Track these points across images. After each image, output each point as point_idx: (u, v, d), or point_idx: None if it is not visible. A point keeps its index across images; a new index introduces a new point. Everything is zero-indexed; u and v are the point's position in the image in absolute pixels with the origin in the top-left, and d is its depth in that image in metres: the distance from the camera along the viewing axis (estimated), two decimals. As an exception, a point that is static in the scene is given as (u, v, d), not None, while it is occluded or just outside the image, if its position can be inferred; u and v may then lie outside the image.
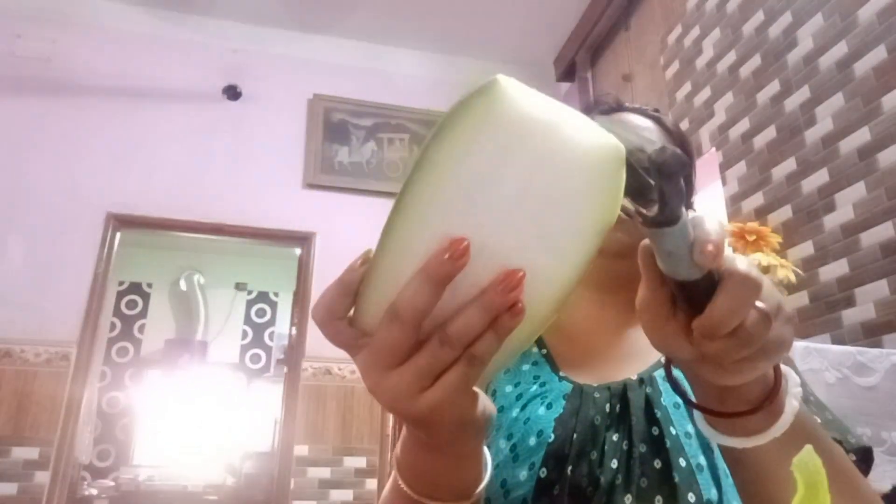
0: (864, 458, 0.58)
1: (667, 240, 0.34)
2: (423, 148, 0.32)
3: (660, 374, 0.63)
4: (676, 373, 0.45)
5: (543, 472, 0.57)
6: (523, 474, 0.58)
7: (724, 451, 0.43)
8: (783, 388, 0.40)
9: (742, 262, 0.35)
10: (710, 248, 0.33)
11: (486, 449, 0.45)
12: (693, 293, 0.35)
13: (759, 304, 0.34)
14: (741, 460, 0.42)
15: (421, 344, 0.33)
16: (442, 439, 0.39)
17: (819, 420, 0.57)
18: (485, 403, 0.39)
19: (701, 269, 0.34)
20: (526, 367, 0.68)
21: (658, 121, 0.76)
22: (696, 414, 0.43)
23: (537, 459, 0.58)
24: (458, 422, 0.37)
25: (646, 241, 0.37)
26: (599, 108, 0.78)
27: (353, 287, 0.34)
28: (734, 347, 0.35)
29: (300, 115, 3.84)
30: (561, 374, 0.65)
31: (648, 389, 0.60)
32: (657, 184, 0.33)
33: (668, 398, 0.60)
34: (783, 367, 0.41)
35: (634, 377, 0.62)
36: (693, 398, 0.43)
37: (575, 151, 0.33)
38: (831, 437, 0.54)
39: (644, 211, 0.35)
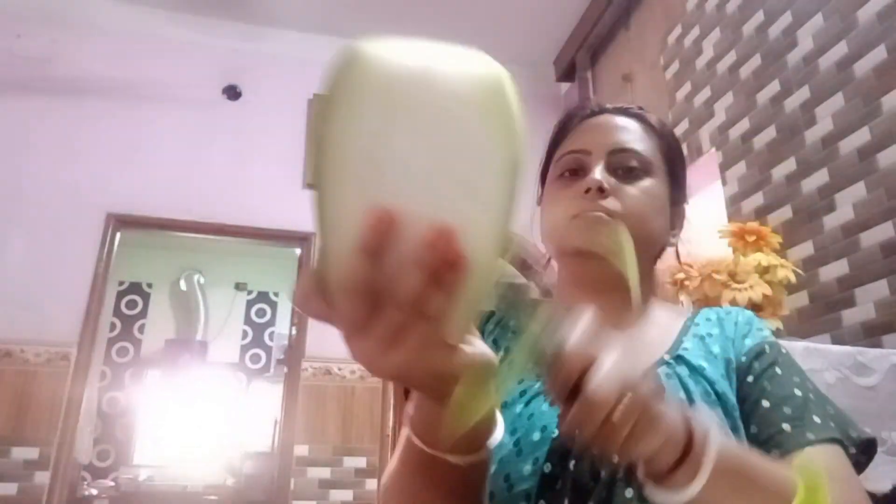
0: (866, 451, 0.59)
1: (531, 344, 0.41)
2: (315, 134, 0.33)
3: (662, 369, 0.63)
4: None
5: (548, 467, 0.58)
6: (527, 469, 0.58)
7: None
8: (698, 446, 0.43)
9: (594, 379, 0.39)
10: (558, 376, 0.40)
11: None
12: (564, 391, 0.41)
13: (614, 413, 0.39)
14: None
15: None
16: (428, 391, 0.41)
17: (818, 417, 0.58)
18: (473, 353, 0.40)
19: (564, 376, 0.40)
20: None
21: (641, 118, 0.75)
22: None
23: (541, 454, 0.59)
24: (434, 374, 0.38)
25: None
26: (581, 112, 0.78)
27: (322, 275, 0.36)
28: (602, 444, 0.40)
29: (300, 115, 3.84)
30: None
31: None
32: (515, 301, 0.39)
33: (669, 393, 0.60)
34: (701, 424, 0.44)
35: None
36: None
37: (454, 93, 0.33)
38: (830, 434, 0.56)
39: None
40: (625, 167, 0.69)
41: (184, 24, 3.79)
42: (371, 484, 3.25)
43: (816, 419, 0.57)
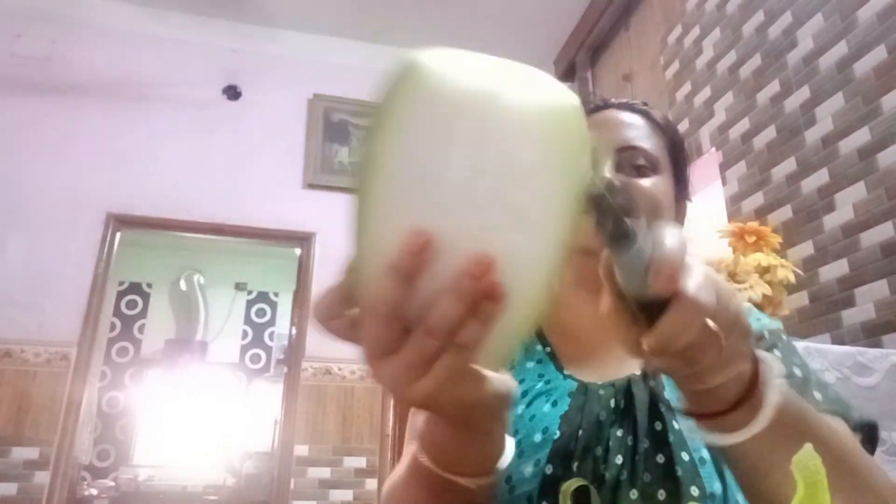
0: (870, 436, 0.57)
1: (622, 256, 0.36)
2: (364, 145, 0.32)
3: None
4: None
5: (549, 469, 0.57)
6: (529, 470, 0.58)
7: (716, 447, 0.44)
8: (762, 383, 0.40)
9: (693, 282, 0.36)
10: (663, 274, 0.35)
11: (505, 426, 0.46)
12: (646, 309, 0.37)
13: (710, 323, 0.35)
14: (732, 455, 0.42)
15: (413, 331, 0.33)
16: (451, 420, 0.40)
17: (819, 393, 0.56)
18: (497, 383, 0.39)
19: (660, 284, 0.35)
20: (530, 364, 0.68)
21: (646, 115, 0.74)
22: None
23: (542, 456, 0.58)
24: (459, 405, 0.37)
25: (607, 252, 0.38)
26: (586, 107, 0.78)
27: (350, 291, 0.34)
28: (680, 365, 0.37)
29: (300, 115, 3.84)
30: (565, 372, 0.66)
31: (652, 384, 0.60)
32: (609, 205, 0.34)
33: (671, 393, 0.60)
34: (766, 358, 0.42)
35: (638, 373, 0.62)
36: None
37: (520, 117, 0.31)
38: (832, 407, 0.54)
39: (602, 227, 0.36)
40: (633, 165, 0.69)
41: (184, 24, 3.79)
42: (371, 484, 3.25)
43: (817, 395, 0.56)
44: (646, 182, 0.67)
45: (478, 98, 0.31)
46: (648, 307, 0.37)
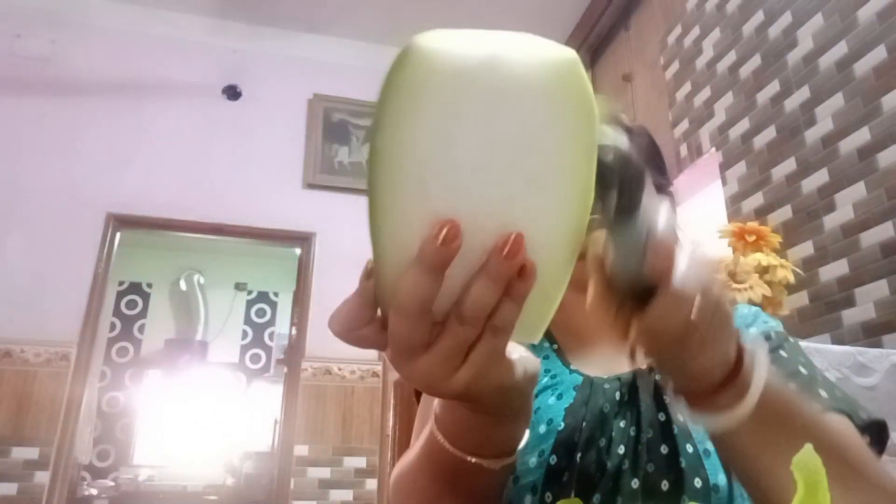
0: (878, 436, 0.55)
1: (621, 233, 0.36)
2: (370, 138, 0.31)
3: None
4: None
5: (553, 460, 0.58)
6: (533, 461, 0.58)
7: (707, 431, 0.44)
8: (747, 365, 0.41)
9: (682, 267, 0.36)
10: (662, 254, 0.36)
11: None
12: (634, 293, 0.37)
13: (697, 308, 0.36)
14: (721, 438, 0.43)
15: (443, 324, 0.32)
16: (486, 408, 0.39)
17: (825, 391, 0.55)
18: (525, 364, 0.39)
19: (651, 270, 0.36)
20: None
21: (613, 121, 0.75)
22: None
23: (547, 447, 0.59)
24: (497, 390, 0.37)
25: (594, 251, 0.38)
26: None
27: (370, 298, 0.33)
28: (667, 349, 0.38)
29: (300, 115, 3.84)
30: (571, 367, 0.66)
31: (658, 376, 0.61)
32: (617, 176, 0.34)
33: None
34: (751, 346, 0.42)
35: (644, 367, 0.63)
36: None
37: (523, 81, 0.30)
38: (838, 405, 0.53)
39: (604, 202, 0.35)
40: None
41: (184, 24, 3.79)
42: (371, 484, 3.25)
43: (823, 393, 0.55)
44: None
45: (478, 68, 0.30)
46: (637, 291, 0.37)
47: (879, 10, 1.74)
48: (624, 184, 0.35)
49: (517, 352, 0.38)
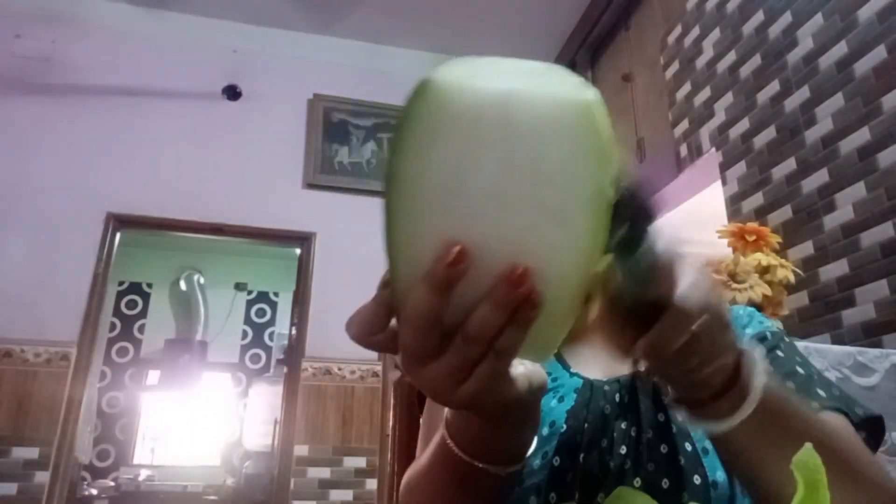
0: (875, 431, 0.57)
1: (628, 258, 0.37)
2: (388, 161, 0.32)
3: None
4: None
5: (557, 461, 0.59)
6: (537, 463, 0.60)
7: (707, 434, 0.45)
8: (746, 372, 0.42)
9: (687, 287, 0.38)
10: (668, 279, 0.38)
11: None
12: (639, 312, 0.39)
13: (699, 327, 0.38)
14: (721, 441, 0.44)
15: (452, 337, 0.34)
16: (491, 418, 0.41)
17: (822, 390, 0.56)
18: (531, 377, 0.40)
19: (654, 292, 0.38)
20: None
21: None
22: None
23: (550, 449, 0.60)
24: (499, 404, 0.38)
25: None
26: None
27: (387, 306, 0.35)
28: (670, 365, 0.40)
29: (300, 115, 3.84)
30: (572, 370, 0.68)
31: (656, 378, 0.61)
32: (629, 210, 0.36)
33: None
34: (749, 351, 0.43)
35: (643, 368, 0.63)
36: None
37: (543, 115, 0.31)
38: (835, 404, 0.54)
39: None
40: None
41: (184, 24, 3.79)
42: (371, 484, 3.25)
43: (821, 392, 0.56)
44: None
45: (498, 101, 0.31)
46: (642, 310, 0.39)
47: (879, 10, 1.74)
48: (633, 215, 0.37)
49: (524, 365, 0.40)
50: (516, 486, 0.59)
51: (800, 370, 0.60)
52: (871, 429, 0.56)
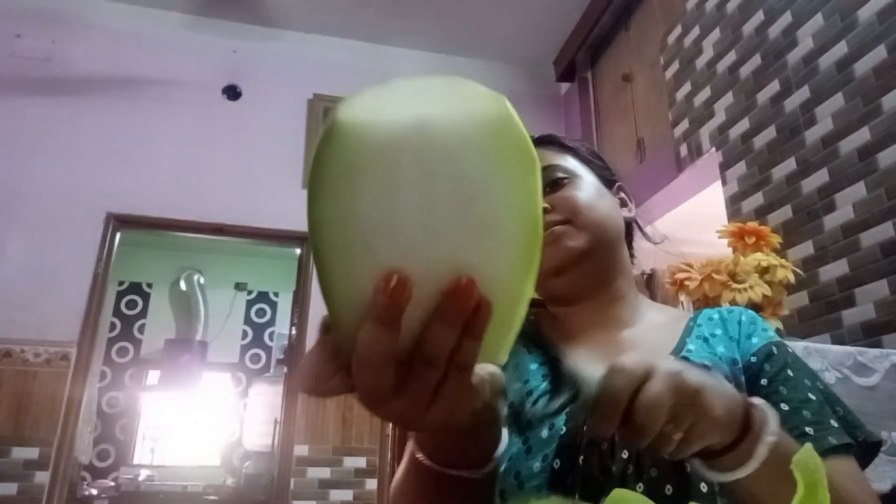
0: (865, 455, 0.59)
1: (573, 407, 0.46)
2: (310, 210, 0.31)
3: None
4: None
5: (557, 464, 0.59)
6: (537, 466, 0.59)
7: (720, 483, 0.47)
8: (755, 428, 0.43)
9: (647, 394, 0.41)
10: (601, 420, 0.42)
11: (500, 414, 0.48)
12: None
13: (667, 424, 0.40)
14: (729, 488, 0.45)
15: (409, 365, 0.33)
16: (463, 428, 0.42)
17: (835, 421, 0.58)
18: (492, 382, 0.40)
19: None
20: (534, 366, 0.69)
21: (550, 141, 0.81)
22: None
23: (550, 451, 0.60)
24: (468, 415, 0.38)
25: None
26: None
27: (332, 351, 0.34)
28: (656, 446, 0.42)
29: (300, 115, 3.84)
30: None
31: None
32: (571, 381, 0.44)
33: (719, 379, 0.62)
34: (761, 406, 0.45)
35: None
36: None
37: (458, 136, 0.31)
38: (847, 440, 0.56)
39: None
40: (552, 181, 0.75)
41: (184, 24, 3.79)
42: (371, 484, 3.25)
43: (834, 423, 0.58)
44: (566, 192, 0.75)
45: (408, 133, 0.31)
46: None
47: (879, 10, 1.74)
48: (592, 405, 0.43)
49: (482, 369, 0.39)
50: (515, 489, 0.59)
51: (811, 396, 0.61)
52: (863, 453, 0.59)
